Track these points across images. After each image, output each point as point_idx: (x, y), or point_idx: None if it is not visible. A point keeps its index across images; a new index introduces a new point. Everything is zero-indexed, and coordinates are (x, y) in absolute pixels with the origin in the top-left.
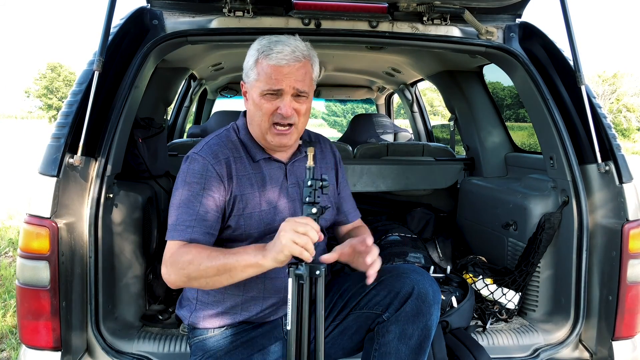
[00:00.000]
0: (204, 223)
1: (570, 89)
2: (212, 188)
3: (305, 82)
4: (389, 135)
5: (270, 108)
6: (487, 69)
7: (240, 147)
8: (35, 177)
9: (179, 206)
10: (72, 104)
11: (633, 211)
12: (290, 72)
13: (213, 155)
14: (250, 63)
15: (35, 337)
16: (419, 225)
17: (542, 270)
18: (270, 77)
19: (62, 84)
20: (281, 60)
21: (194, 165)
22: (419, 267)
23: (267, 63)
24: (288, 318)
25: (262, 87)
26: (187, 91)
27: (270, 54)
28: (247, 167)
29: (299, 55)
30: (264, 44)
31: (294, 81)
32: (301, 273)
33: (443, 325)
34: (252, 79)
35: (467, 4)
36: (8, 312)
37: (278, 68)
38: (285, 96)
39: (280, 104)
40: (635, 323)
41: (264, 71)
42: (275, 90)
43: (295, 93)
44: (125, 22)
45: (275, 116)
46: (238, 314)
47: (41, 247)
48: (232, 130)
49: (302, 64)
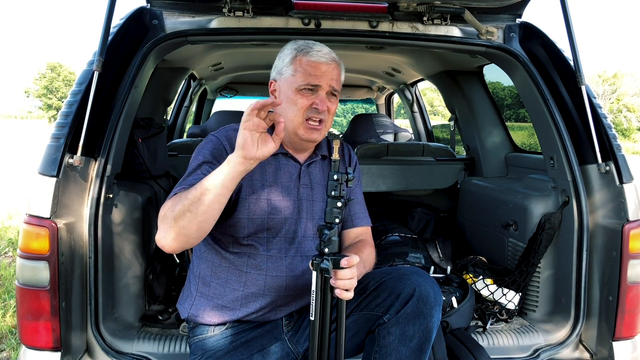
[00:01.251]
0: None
1: (571, 89)
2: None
3: (338, 82)
4: (389, 135)
5: (306, 103)
6: (487, 69)
7: None
8: (35, 177)
9: (184, 179)
10: (71, 104)
11: (633, 211)
12: (328, 70)
13: (227, 138)
14: (287, 61)
15: (35, 337)
16: (419, 226)
17: (542, 271)
18: (309, 73)
19: (61, 84)
20: (321, 57)
21: (208, 144)
22: (420, 269)
23: (307, 59)
24: (311, 309)
25: (300, 82)
26: (187, 91)
27: (310, 51)
28: None
29: (334, 57)
30: (301, 44)
31: (330, 79)
32: (326, 267)
33: (443, 325)
34: (288, 76)
35: (467, 4)
36: (8, 312)
37: (318, 65)
38: (322, 92)
39: (316, 99)
40: (635, 323)
41: (303, 67)
42: (313, 86)
43: (330, 91)
44: (125, 22)
45: (310, 110)
46: (237, 310)
47: (41, 248)
48: None
49: (336, 65)
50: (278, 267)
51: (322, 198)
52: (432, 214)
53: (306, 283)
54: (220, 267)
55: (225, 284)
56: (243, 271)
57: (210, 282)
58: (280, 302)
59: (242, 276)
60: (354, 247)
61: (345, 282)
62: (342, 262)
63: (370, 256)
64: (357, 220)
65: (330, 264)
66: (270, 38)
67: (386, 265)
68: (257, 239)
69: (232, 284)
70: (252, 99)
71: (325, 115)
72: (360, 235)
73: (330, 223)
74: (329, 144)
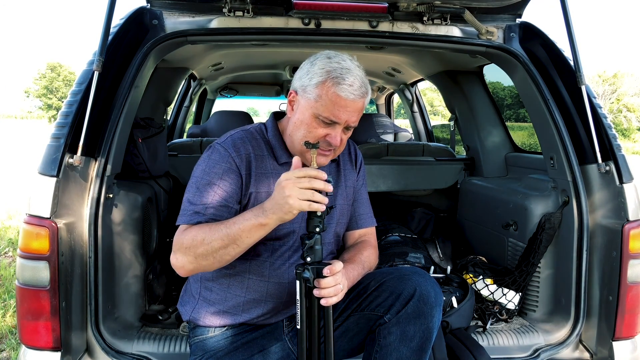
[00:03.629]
0: (215, 212)
1: (571, 89)
2: (228, 179)
3: (359, 116)
4: (389, 135)
5: (320, 133)
6: (487, 69)
7: (264, 145)
8: (35, 177)
9: (193, 193)
10: (71, 104)
11: (633, 211)
12: (353, 107)
13: (235, 148)
14: (314, 82)
15: (35, 337)
16: (419, 225)
17: (542, 271)
18: (333, 107)
19: (61, 83)
20: (350, 94)
21: (215, 155)
22: (420, 269)
23: (335, 92)
24: (297, 318)
25: (321, 112)
26: (187, 91)
27: (342, 83)
28: (268, 166)
29: (364, 90)
30: (335, 67)
31: (351, 115)
32: (307, 277)
33: (443, 325)
34: (311, 98)
35: (468, 3)
36: (8, 312)
37: (345, 101)
38: (338, 127)
39: (332, 132)
40: (635, 323)
41: (329, 98)
42: (331, 121)
43: (346, 125)
44: (125, 22)
45: (321, 141)
46: (239, 315)
47: (41, 247)
48: (259, 129)
49: (363, 101)
50: (281, 274)
51: (331, 202)
52: (432, 214)
53: None
54: (223, 272)
55: (227, 289)
56: (245, 277)
57: (213, 287)
58: (282, 307)
59: (244, 282)
60: (354, 249)
61: (329, 290)
62: (324, 271)
63: (371, 257)
64: (361, 222)
65: (311, 274)
66: (270, 38)
67: (386, 265)
68: (262, 248)
69: (234, 290)
70: (252, 99)
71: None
72: (364, 235)
73: (312, 233)
74: None
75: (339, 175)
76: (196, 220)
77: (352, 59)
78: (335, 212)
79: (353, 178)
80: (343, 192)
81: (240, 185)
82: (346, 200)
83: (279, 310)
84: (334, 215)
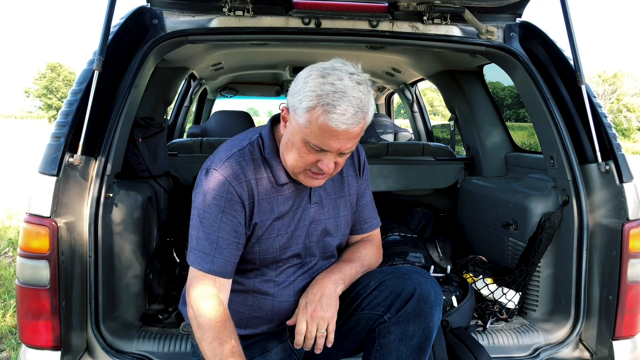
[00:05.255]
0: (223, 252)
1: (571, 88)
2: (231, 211)
3: (355, 141)
4: (389, 135)
5: (311, 160)
6: (487, 69)
7: (263, 166)
8: (35, 176)
9: (198, 227)
10: (72, 103)
11: (633, 211)
12: (346, 136)
13: (234, 176)
14: (304, 106)
15: (35, 336)
16: (419, 225)
17: (542, 270)
18: (323, 136)
19: (61, 83)
20: (341, 124)
21: (213, 183)
22: (420, 269)
23: (324, 121)
24: None
25: (311, 139)
26: (187, 91)
27: (332, 112)
28: (269, 189)
29: (360, 117)
30: (327, 91)
31: (344, 144)
32: None
33: (443, 324)
34: (300, 122)
35: (468, 3)
36: (8, 312)
37: (336, 131)
38: (330, 155)
39: (323, 158)
40: (635, 323)
41: (318, 126)
42: (322, 149)
43: (341, 152)
44: (125, 22)
45: (313, 166)
46: (242, 329)
47: (41, 247)
48: (256, 144)
49: (360, 126)
50: (287, 292)
51: (334, 215)
52: (432, 214)
53: None
54: None
55: (230, 304)
56: (249, 295)
57: None
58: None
59: (248, 299)
60: (353, 246)
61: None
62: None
63: (371, 255)
64: (365, 227)
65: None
66: (270, 38)
67: (386, 264)
68: (265, 267)
69: (237, 306)
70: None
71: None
72: (368, 236)
73: None
74: None
75: (342, 185)
76: (208, 267)
77: (353, 74)
78: (340, 225)
79: (356, 185)
80: (347, 203)
81: (244, 216)
82: (349, 209)
83: (284, 323)
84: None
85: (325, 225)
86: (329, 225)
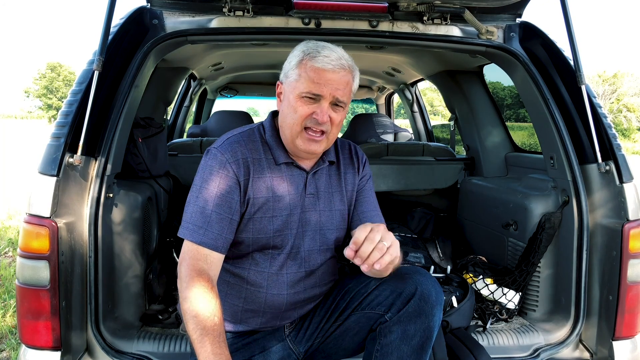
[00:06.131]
0: (215, 226)
1: (571, 88)
2: (226, 187)
3: (345, 92)
4: (389, 135)
5: (306, 111)
6: (487, 69)
7: (261, 148)
8: (35, 176)
9: (193, 203)
10: (72, 104)
11: (633, 211)
12: (333, 78)
13: (231, 153)
14: (293, 63)
15: (35, 336)
16: (419, 225)
17: (542, 270)
18: (312, 80)
19: (61, 83)
20: (327, 64)
21: (212, 161)
22: (421, 268)
23: (312, 65)
24: None
25: (302, 89)
26: (187, 91)
27: (317, 56)
28: (265, 170)
29: (344, 63)
30: (310, 46)
31: (335, 89)
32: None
33: (443, 325)
34: (292, 80)
35: (468, 3)
36: (8, 312)
37: (322, 72)
38: (324, 102)
39: (317, 109)
40: (635, 323)
41: (307, 73)
42: (314, 95)
43: (333, 101)
44: (125, 22)
45: (309, 120)
46: (238, 324)
47: (41, 247)
48: (257, 130)
49: (346, 72)
50: (279, 284)
51: (329, 207)
52: (432, 214)
53: (309, 296)
54: (222, 279)
55: (225, 297)
56: (243, 286)
57: None
58: (282, 316)
59: (242, 291)
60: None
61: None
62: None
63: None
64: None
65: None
66: (270, 38)
67: None
68: (260, 255)
69: (231, 298)
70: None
71: (327, 127)
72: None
73: None
74: (337, 149)
75: (339, 179)
76: (199, 239)
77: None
78: (335, 218)
79: (354, 181)
80: (343, 197)
81: (239, 193)
82: (346, 204)
83: (278, 318)
84: (334, 220)
85: (319, 217)
86: (324, 217)
